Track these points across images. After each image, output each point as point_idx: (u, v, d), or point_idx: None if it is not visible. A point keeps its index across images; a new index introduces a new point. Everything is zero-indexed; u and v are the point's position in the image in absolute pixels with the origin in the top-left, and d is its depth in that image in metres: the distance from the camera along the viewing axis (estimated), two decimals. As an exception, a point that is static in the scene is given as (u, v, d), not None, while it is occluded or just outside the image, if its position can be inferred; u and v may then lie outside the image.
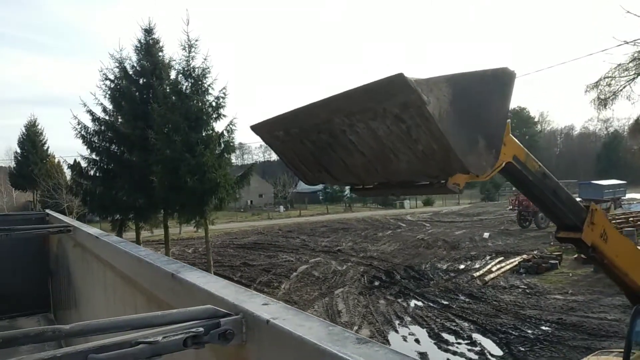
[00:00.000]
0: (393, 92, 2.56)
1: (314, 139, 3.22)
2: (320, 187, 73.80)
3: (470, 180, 3.39)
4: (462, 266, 23.27)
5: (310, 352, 0.97)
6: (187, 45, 20.35)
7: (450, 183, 3.14)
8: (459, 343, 13.63)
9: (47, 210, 9.25)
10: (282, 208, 63.93)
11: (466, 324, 15.05)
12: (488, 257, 24.74)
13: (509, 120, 4.19)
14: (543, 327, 14.34)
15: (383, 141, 2.83)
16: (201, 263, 23.40)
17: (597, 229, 5.00)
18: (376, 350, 0.91)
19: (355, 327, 14.84)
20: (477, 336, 14.02)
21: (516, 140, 4.29)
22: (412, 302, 17.80)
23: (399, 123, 2.71)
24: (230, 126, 21.40)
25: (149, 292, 2.32)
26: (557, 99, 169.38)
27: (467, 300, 17.66)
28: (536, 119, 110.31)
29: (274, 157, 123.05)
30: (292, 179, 71.35)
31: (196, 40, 20.61)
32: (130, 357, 1.13)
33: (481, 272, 21.25)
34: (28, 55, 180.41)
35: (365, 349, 0.92)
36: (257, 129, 3.71)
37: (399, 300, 18.11)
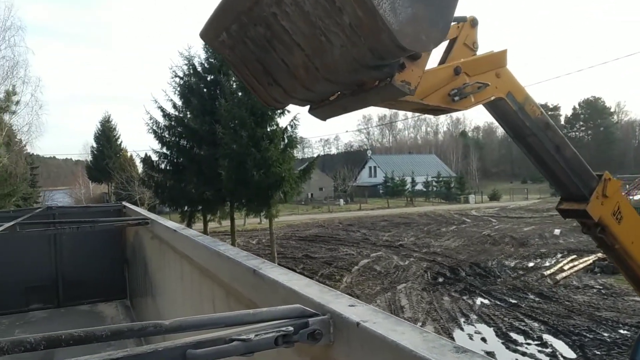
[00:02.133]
0: None
1: (253, 36, 2.92)
2: (380, 180, 73.31)
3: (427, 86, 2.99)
4: (531, 264, 22.32)
5: (406, 359, 0.96)
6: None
7: (398, 81, 2.59)
8: (529, 344, 13.10)
9: (124, 203, 9.80)
10: (342, 201, 64.04)
11: (536, 324, 14.44)
12: (559, 255, 23.57)
13: (506, 49, 3.73)
14: (621, 331, 13.49)
15: (311, 19, 2.42)
16: (265, 254, 23.94)
17: (610, 204, 4.20)
18: (478, 360, 0.88)
19: (419, 323, 14.64)
20: (548, 337, 13.42)
21: (514, 76, 3.76)
22: (478, 300, 17.30)
23: None
24: (294, 121, 21.71)
25: (228, 286, 2.39)
26: (635, 88, 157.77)
27: (536, 299, 16.93)
28: (612, 109, 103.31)
29: (333, 150, 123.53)
30: (351, 172, 71.34)
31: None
32: (225, 353, 1.17)
33: (552, 270, 20.28)
34: (102, 54, 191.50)
35: (464, 358, 0.89)
36: (205, 35, 3.21)
37: (464, 297, 17.66)
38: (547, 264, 22.00)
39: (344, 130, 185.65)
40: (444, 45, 3.56)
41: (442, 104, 3.23)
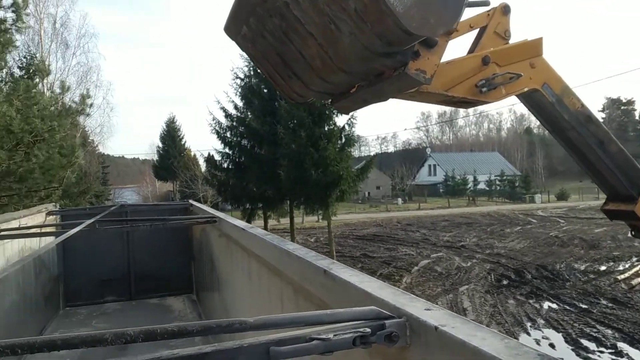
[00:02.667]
0: None
1: (271, 28, 2.80)
2: (440, 178, 71.79)
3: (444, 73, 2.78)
4: (603, 267, 21.10)
5: (488, 365, 0.96)
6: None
7: (412, 69, 2.44)
8: (601, 351, 12.41)
9: (190, 201, 10.21)
10: (400, 200, 63.26)
11: (609, 331, 13.65)
12: (634, 259, 22.12)
13: (541, 37, 3.43)
14: None
15: (320, 6, 2.36)
16: (324, 252, 24.05)
17: None
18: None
19: (482, 327, 14.24)
20: (623, 345, 12.65)
21: (551, 66, 3.45)
22: (546, 304, 16.58)
23: None
24: (351, 120, 21.72)
25: (297, 285, 2.45)
26: None
27: (609, 305, 15.99)
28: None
29: (391, 148, 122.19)
30: (410, 170, 70.30)
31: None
32: (305, 351, 1.21)
33: (627, 274, 19.07)
34: (165, 55, 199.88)
35: (552, 368, 0.88)
36: (228, 30, 3.17)
37: (531, 301, 16.98)
38: (621, 267, 20.72)
39: (402, 128, 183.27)
40: (473, 34, 3.39)
41: (468, 96, 3.08)
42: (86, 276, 8.52)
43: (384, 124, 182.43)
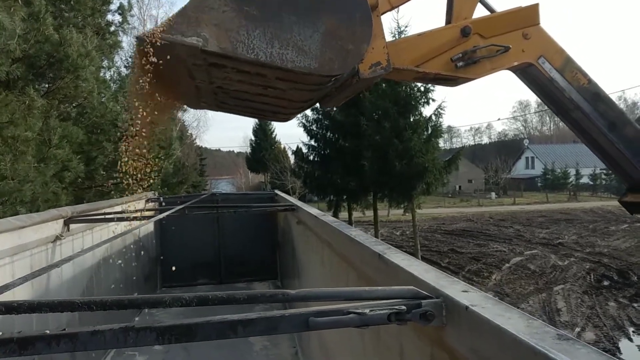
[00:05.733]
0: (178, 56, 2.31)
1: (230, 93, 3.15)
2: (538, 172, 67.61)
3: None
4: None
5: (508, 342, 0.98)
6: (396, 33, 20.73)
7: (366, 71, 2.47)
8: None
9: (276, 191, 10.63)
10: (493, 195, 60.55)
11: None
12: None
13: (537, 3, 2.98)
14: None
15: (255, 82, 2.61)
16: (408, 246, 23.85)
17: None
18: (578, 348, 0.87)
19: (578, 329, 13.36)
20: None
21: (550, 36, 2.99)
22: (653, 309, 15.16)
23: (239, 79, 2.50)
24: (439, 110, 21.19)
25: (359, 269, 2.54)
26: None
27: None
28: None
29: (485, 139, 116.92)
30: (505, 163, 66.95)
31: (406, 26, 20.84)
32: (342, 323, 1.30)
33: None
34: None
35: (565, 345, 0.89)
36: (190, 105, 3.75)
37: (635, 304, 15.59)
38: None
39: (497, 118, 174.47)
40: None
41: (442, 71, 2.85)
42: (181, 259, 9.18)
43: (477, 114, 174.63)
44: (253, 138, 70.16)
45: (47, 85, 10.09)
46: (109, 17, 14.13)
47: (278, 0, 2.36)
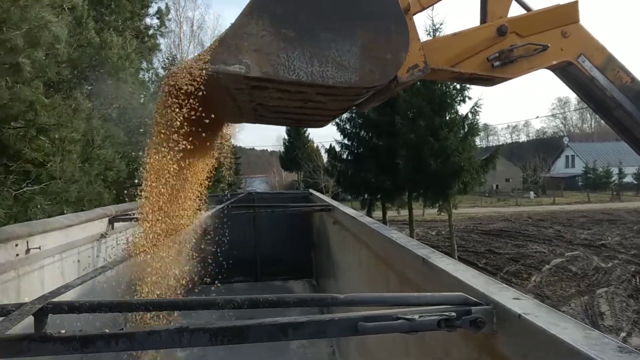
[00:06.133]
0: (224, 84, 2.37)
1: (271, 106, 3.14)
2: (579, 171, 65.49)
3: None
4: None
5: (564, 353, 0.96)
6: (431, 30, 20.47)
7: (404, 76, 2.49)
8: None
9: (310, 190, 10.69)
10: (532, 194, 58.98)
11: None
12: None
13: (576, 0, 2.87)
14: None
15: (296, 98, 2.67)
16: (444, 246, 23.51)
17: None
18: (643, 362, 0.85)
19: (623, 334, 12.88)
20: None
21: (590, 34, 2.86)
22: None
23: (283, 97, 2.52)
24: (475, 108, 20.82)
25: (400, 272, 2.53)
26: None
27: None
28: None
29: (522, 137, 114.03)
30: (544, 162, 65.14)
31: (441, 24, 20.56)
32: (391, 329, 1.30)
33: None
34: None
35: (628, 359, 0.87)
36: (243, 120, 3.76)
37: (685, 310, 14.93)
38: None
39: (535, 115, 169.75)
40: None
41: (478, 71, 2.78)
42: (218, 257, 9.33)
43: (514, 112, 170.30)
44: (286, 137, 70.54)
45: (89, 88, 10.44)
46: (147, 20, 14.50)
47: (313, 20, 2.40)
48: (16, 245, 3.73)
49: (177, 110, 2.52)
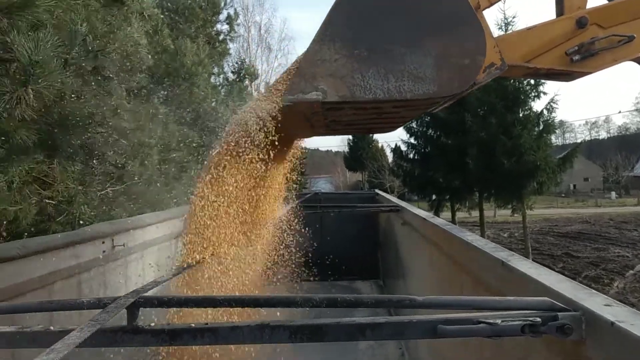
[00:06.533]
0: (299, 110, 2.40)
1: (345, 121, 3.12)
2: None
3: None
4: None
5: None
6: (503, 24, 19.73)
7: (481, 76, 2.38)
8: None
9: (376, 190, 10.62)
10: (613, 194, 55.25)
11: None
12: None
13: None
14: None
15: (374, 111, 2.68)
16: (517, 249, 22.54)
17: None
18: None
19: None
20: None
21: None
22: None
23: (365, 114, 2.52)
24: (551, 104, 19.81)
25: (475, 275, 2.46)
26: None
27: None
28: None
29: (602, 134, 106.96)
30: (627, 160, 60.82)
31: (513, 17, 19.76)
32: (472, 333, 1.27)
33: None
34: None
35: None
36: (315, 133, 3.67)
37: None
38: None
39: (617, 110, 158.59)
40: None
41: (556, 66, 2.60)
42: (286, 256, 9.50)
43: (593, 107, 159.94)
44: (351, 137, 70.62)
45: (164, 93, 10.99)
46: (218, 26, 15.06)
47: (384, 36, 2.40)
48: (103, 242, 4.00)
49: (250, 149, 2.61)
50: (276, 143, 2.66)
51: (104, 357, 2.70)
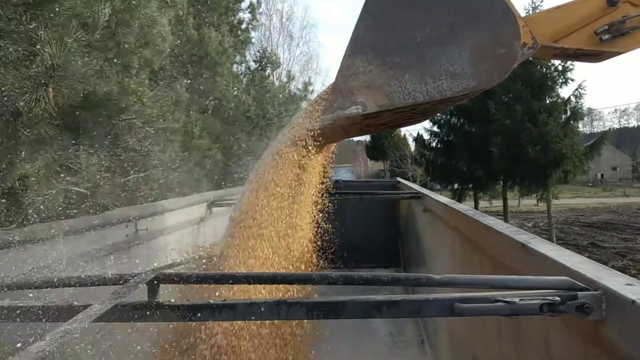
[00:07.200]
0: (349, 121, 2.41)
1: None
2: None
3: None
4: None
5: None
6: (530, 9, 19.24)
7: (518, 57, 2.35)
8: None
9: (398, 178, 10.56)
10: (643, 183, 53.77)
11: None
12: None
13: None
14: None
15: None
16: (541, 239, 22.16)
17: None
18: None
19: None
20: None
21: None
22: None
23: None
24: (579, 90, 19.29)
25: (496, 259, 2.43)
26: None
27: None
28: None
29: (633, 122, 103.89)
30: (659, 149, 58.94)
31: (542, 1, 19.24)
32: (489, 311, 1.27)
33: None
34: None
35: None
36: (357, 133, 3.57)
37: None
38: None
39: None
40: None
41: (585, 47, 2.54)
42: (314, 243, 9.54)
43: (623, 94, 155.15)
44: (373, 126, 70.18)
45: (188, 81, 11.08)
46: (240, 14, 15.06)
47: (415, 39, 2.38)
48: (126, 226, 4.09)
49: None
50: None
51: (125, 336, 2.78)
